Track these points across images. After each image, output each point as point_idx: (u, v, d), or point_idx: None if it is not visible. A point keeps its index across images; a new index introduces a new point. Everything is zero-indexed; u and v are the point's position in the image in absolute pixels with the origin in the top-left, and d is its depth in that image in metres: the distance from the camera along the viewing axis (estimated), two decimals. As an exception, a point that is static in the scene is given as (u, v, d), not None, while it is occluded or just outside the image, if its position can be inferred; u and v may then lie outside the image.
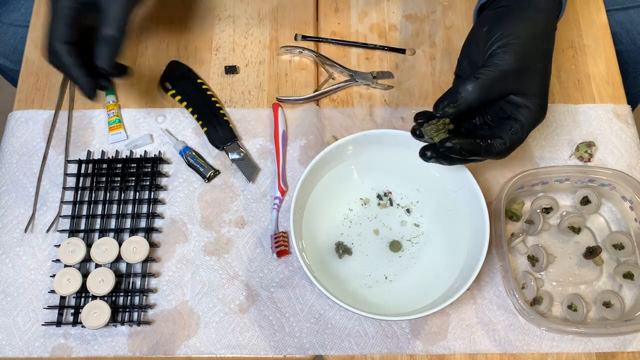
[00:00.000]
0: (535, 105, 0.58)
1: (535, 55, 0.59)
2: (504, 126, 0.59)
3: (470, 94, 0.57)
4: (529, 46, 0.58)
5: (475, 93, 0.57)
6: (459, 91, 0.57)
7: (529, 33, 0.59)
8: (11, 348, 0.67)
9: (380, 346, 0.67)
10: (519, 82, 0.58)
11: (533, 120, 0.59)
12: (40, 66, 0.81)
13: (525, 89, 0.58)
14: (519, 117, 0.58)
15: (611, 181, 0.71)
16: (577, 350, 0.67)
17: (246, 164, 0.74)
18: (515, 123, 0.59)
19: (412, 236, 0.71)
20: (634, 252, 0.70)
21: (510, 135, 0.58)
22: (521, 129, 0.59)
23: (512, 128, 0.58)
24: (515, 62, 0.57)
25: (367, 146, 0.71)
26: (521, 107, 0.58)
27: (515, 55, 0.57)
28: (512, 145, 0.59)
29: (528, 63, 0.58)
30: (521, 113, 0.58)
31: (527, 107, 0.58)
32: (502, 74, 0.57)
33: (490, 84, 0.57)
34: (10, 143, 0.76)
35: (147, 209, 0.73)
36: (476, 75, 0.57)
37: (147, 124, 0.77)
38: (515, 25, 0.59)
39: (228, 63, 0.81)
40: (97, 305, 0.66)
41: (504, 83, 0.58)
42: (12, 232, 0.72)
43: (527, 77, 0.58)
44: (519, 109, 0.59)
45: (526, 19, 0.60)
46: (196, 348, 0.67)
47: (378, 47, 0.82)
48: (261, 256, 0.71)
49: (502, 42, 0.58)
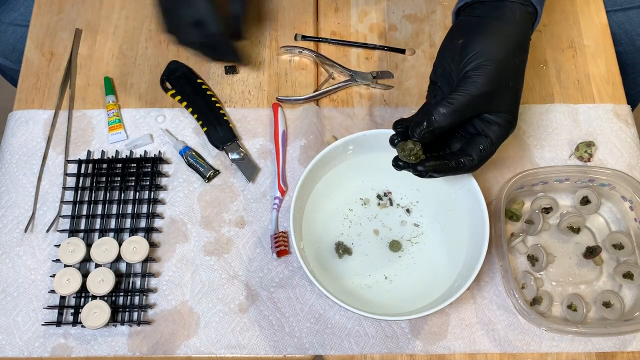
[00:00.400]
0: (505, 122, 0.60)
1: (508, 74, 0.60)
2: (474, 144, 0.61)
3: (444, 119, 0.58)
4: (502, 66, 0.59)
5: (448, 118, 0.58)
6: (434, 116, 0.58)
7: (503, 50, 0.59)
8: (11, 348, 0.67)
9: (380, 346, 0.67)
10: (491, 103, 0.60)
11: (502, 136, 0.61)
12: (40, 66, 0.81)
13: (497, 107, 0.60)
14: (489, 134, 0.60)
15: (611, 181, 0.71)
16: (577, 350, 0.67)
17: (246, 164, 0.74)
18: (485, 140, 0.61)
19: (412, 236, 0.71)
20: (633, 252, 0.70)
21: (480, 152, 0.61)
22: (490, 145, 0.61)
23: (482, 145, 0.61)
24: (488, 86, 0.58)
25: (367, 146, 0.71)
26: (492, 124, 0.60)
27: (488, 78, 0.58)
28: (480, 161, 0.61)
29: (500, 84, 0.59)
30: (491, 130, 0.60)
31: (498, 124, 0.60)
32: (474, 99, 0.58)
33: (462, 109, 0.58)
34: (10, 143, 0.76)
35: (147, 209, 0.73)
36: (449, 100, 0.59)
37: (147, 124, 0.77)
38: (490, 41, 0.59)
39: (228, 63, 0.81)
40: (97, 305, 0.66)
41: (476, 105, 0.59)
42: (12, 232, 0.72)
43: (499, 97, 0.60)
44: (490, 125, 0.60)
45: (501, 34, 0.60)
46: (196, 348, 0.67)
47: (378, 47, 0.82)
48: (261, 256, 0.71)
49: (476, 62, 0.59)
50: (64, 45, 0.82)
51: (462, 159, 0.61)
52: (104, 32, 0.83)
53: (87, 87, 0.80)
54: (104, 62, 0.81)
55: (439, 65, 0.64)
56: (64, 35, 0.82)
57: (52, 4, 0.84)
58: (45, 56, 0.81)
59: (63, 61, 0.81)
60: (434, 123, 0.58)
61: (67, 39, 0.82)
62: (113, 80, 0.80)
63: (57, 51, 0.82)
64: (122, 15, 0.84)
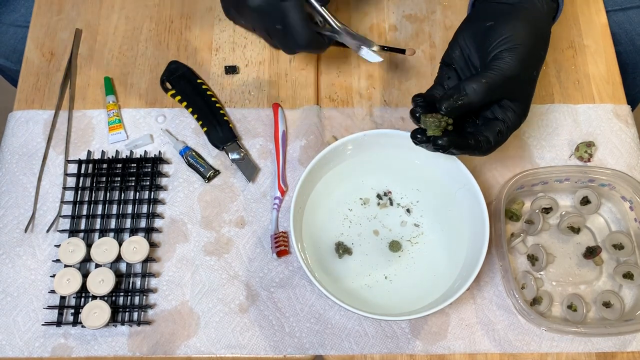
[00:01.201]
0: (521, 110, 0.61)
1: (534, 63, 0.60)
2: (492, 127, 0.61)
3: (475, 95, 0.58)
4: (531, 53, 0.59)
5: (480, 95, 0.58)
6: (466, 90, 0.58)
7: (533, 38, 0.59)
8: (11, 348, 0.67)
9: (380, 346, 0.67)
10: (515, 88, 0.60)
11: (516, 124, 0.61)
12: (40, 66, 0.81)
13: (517, 94, 0.60)
14: (507, 120, 0.61)
15: (611, 181, 0.71)
16: (576, 350, 0.67)
17: (246, 164, 0.74)
18: (502, 125, 0.61)
19: (412, 236, 0.71)
20: (633, 252, 0.70)
21: (497, 136, 0.61)
22: (507, 131, 0.61)
23: (499, 128, 0.61)
24: (519, 69, 0.58)
25: (367, 146, 0.71)
26: (510, 111, 0.61)
27: (521, 62, 0.58)
28: (496, 144, 0.61)
29: (527, 71, 0.59)
30: (508, 117, 0.61)
31: (514, 111, 0.60)
32: (506, 80, 0.58)
33: (494, 88, 0.58)
34: (10, 143, 0.76)
35: (147, 209, 0.73)
36: (483, 76, 0.58)
37: (147, 124, 0.78)
38: (522, 27, 0.59)
39: (228, 63, 0.81)
40: (97, 305, 0.66)
41: (505, 88, 0.59)
42: (12, 232, 0.72)
43: (522, 84, 0.60)
44: (507, 112, 0.61)
45: (531, 22, 0.60)
46: (196, 348, 0.67)
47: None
48: (261, 256, 0.71)
49: (508, 45, 0.59)
50: (64, 45, 0.82)
51: (481, 139, 0.61)
52: (104, 32, 0.83)
53: (87, 87, 0.80)
54: (104, 62, 0.81)
55: (456, 48, 0.63)
56: (64, 35, 0.83)
57: (52, 5, 0.85)
58: (45, 56, 0.81)
59: (63, 61, 0.81)
60: (465, 98, 0.58)
61: (67, 39, 0.82)
62: (113, 80, 0.80)
63: (57, 51, 0.82)
64: (122, 15, 0.84)
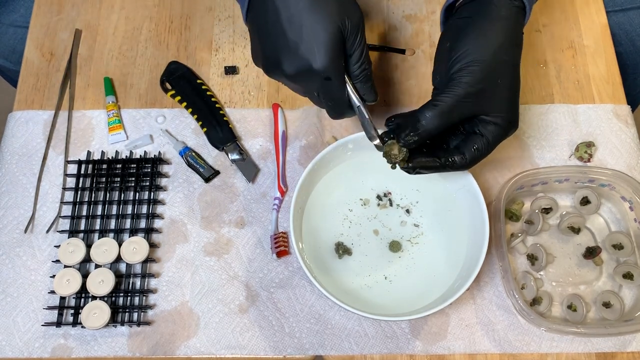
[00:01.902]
0: (503, 121, 0.59)
1: (498, 73, 0.59)
2: (469, 143, 0.61)
3: (430, 122, 0.58)
4: (487, 65, 0.58)
5: (435, 121, 0.58)
6: (420, 120, 0.58)
7: (487, 49, 0.58)
8: (11, 348, 0.67)
9: (380, 346, 0.67)
10: (481, 104, 0.58)
11: (500, 135, 0.60)
12: (40, 66, 0.81)
13: (491, 108, 0.59)
14: (485, 134, 0.60)
15: (611, 181, 0.71)
16: (576, 350, 0.67)
17: (246, 164, 0.74)
18: (480, 139, 0.60)
19: (411, 236, 0.71)
20: (633, 252, 0.70)
21: (473, 152, 0.60)
22: (486, 145, 0.60)
23: (476, 145, 0.60)
24: (473, 86, 0.57)
25: (367, 146, 0.70)
26: (488, 123, 0.59)
27: (472, 78, 0.57)
28: (472, 160, 0.61)
29: (489, 83, 0.58)
30: (487, 129, 0.60)
31: (495, 123, 0.59)
32: (460, 100, 0.58)
33: (449, 111, 0.58)
34: (10, 143, 0.76)
35: (147, 210, 0.73)
36: (435, 102, 0.58)
37: (147, 124, 0.78)
38: (475, 42, 0.58)
39: (228, 63, 0.81)
40: (97, 305, 0.66)
41: (464, 107, 0.58)
42: (12, 233, 0.72)
43: (490, 97, 0.58)
44: (485, 125, 0.60)
45: (487, 32, 0.59)
46: (196, 348, 0.67)
47: (378, 47, 0.82)
48: (261, 256, 0.71)
49: (460, 64, 0.58)
50: (64, 45, 0.82)
51: (454, 157, 0.60)
52: (104, 32, 0.83)
53: (87, 87, 0.80)
54: (104, 62, 0.81)
55: (436, 72, 0.63)
56: (64, 35, 0.82)
57: (52, 5, 0.85)
58: (45, 57, 0.81)
59: (63, 61, 0.81)
60: (420, 127, 0.58)
61: (67, 40, 0.82)
62: (113, 81, 0.80)
63: (57, 51, 0.82)
64: (122, 15, 0.84)
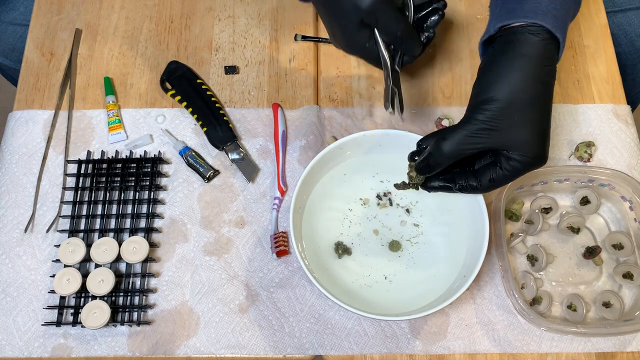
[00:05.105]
0: (521, 157, 0.59)
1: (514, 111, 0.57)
2: (487, 171, 0.61)
3: (440, 153, 0.60)
4: (503, 103, 0.57)
5: (444, 152, 0.60)
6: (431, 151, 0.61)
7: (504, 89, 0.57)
8: (11, 348, 0.67)
9: (379, 346, 0.67)
10: (496, 140, 0.58)
11: (518, 170, 0.60)
12: (40, 66, 0.81)
13: (506, 144, 0.59)
14: (504, 167, 0.60)
15: (611, 181, 0.71)
16: (576, 350, 0.67)
17: (246, 164, 0.74)
18: (498, 172, 0.60)
19: (411, 236, 0.71)
20: (633, 252, 0.70)
21: (488, 182, 0.61)
22: (503, 177, 0.60)
23: (493, 176, 0.61)
24: (486, 123, 0.58)
25: (366, 146, 0.71)
26: (508, 158, 0.59)
27: (484, 116, 0.58)
28: (486, 189, 0.63)
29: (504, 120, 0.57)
30: (506, 163, 0.60)
31: (514, 159, 0.59)
32: (470, 135, 0.58)
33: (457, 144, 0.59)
34: (10, 143, 0.76)
35: (146, 209, 0.73)
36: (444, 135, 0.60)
37: (147, 124, 0.78)
38: (492, 80, 0.58)
39: (228, 63, 0.81)
40: (96, 305, 0.66)
41: (477, 142, 0.59)
42: (12, 232, 0.72)
43: (505, 134, 0.58)
44: (505, 159, 0.60)
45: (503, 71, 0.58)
46: (196, 348, 0.67)
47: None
48: (261, 256, 0.71)
49: (475, 101, 0.59)
50: (64, 45, 0.82)
51: (469, 183, 0.62)
52: (104, 32, 0.83)
53: (87, 87, 0.80)
54: (104, 62, 0.81)
55: None
56: (64, 35, 0.83)
57: (52, 4, 0.85)
58: (45, 56, 0.81)
59: (63, 61, 0.81)
60: (430, 157, 0.61)
61: (67, 39, 0.82)
62: (113, 80, 0.80)
63: (57, 51, 0.82)
64: (122, 15, 0.84)
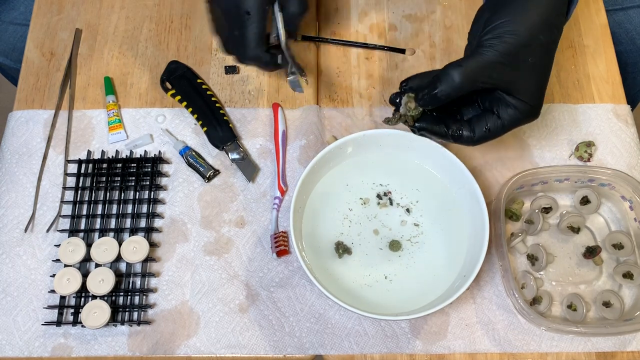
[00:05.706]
0: (525, 106, 0.56)
1: (531, 50, 0.56)
2: (481, 120, 0.58)
3: (451, 83, 0.55)
4: (522, 41, 0.55)
5: (456, 82, 0.55)
6: (441, 79, 0.56)
7: (526, 26, 0.55)
8: (11, 348, 0.67)
9: (380, 346, 0.67)
10: (507, 78, 0.56)
11: (517, 120, 0.57)
12: (40, 66, 0.81)
13: (512, 86, 0.56)
14: (501, 115, 0.57)
15: (611, 181, 0.71)
16: (576, 350, 0.67)
17: (246, 164, 0.74)
18: (494, 120, 0.58)
19: (411, 236, 0.71)
20: (633, 252, 0.70)
21: (483, 131, 0.58)
22: (500, 127, 0.58)
23: (489, 124, 0.58)
24: (504, 57, 0.55)
25: (366, 146, 0.71)
26: (508, 106, 0.57)
27: (505, 48, 0.55)
28: (480, 139, 0.59)
29: (520, 57, 0.55)
30: (504, 111, 0.57)
31: (515, 107, 0.57)
32: (486, 66, 0.55)
33: (472, 74, 0.55)
34: (10, 143, 0.76)
35: (147, 209, 0.73)
36: (459, 62, 0.55)
37: (147, 124, 0.78)
38: (514, 14, 0.56)
39: (228, 63, 0.81)
40: (97, 305, 0.66)
41: (489, 75, 0.55)
42: (12, 232, 0.72)
43: (518, 73, 0.56)
44: (503, 106, 0.57)
45: (526, 9, 0.56)
46: (196, 348, 0.67)
47: (378, 47, 0.82)
48: (261, 256, 0.71)
49: (494, 32, 0.56)
50: (64, 45, 0.82)
51: (463, 131, 0.59)
52: (104, 32, 0.83)
53: (87, 87, 0.80)
54: (104, 62, 0.81)
55: (469, 42, 0.61)
56: (64, 35, 0.83)
57: (52, 4, 0.85)
58: (45, 56, 0.81)
59: (63, 61, 0.81)
60: (439, 87, 0.55)
61: (67, 39, 0.82)
62: (113, 80, 0.80)
63: (57, 51, 0.82)
64: (122, 15, 0.84)
